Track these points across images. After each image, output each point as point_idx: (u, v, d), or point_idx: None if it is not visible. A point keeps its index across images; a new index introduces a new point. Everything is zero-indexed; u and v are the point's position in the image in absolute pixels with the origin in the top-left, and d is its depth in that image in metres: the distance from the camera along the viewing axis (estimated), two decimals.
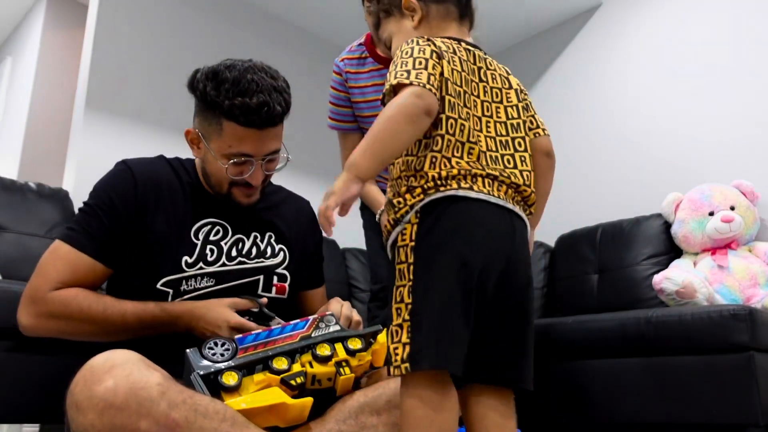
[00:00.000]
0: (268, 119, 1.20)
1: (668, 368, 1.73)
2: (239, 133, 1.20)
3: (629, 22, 3.08)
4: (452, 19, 1.13)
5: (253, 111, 1.18)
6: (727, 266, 2.23)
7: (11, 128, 3.79)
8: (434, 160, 0.97)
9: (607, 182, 2.99)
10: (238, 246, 1.29)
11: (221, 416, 0.93)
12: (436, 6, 1.13)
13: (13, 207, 2.04)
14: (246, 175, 1.24)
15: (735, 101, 2.62)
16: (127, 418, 0.87)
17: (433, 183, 0.96)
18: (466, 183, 0.96)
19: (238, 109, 1.17)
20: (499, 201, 0.98)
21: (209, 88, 1.20)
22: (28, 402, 1.46)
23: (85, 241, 1.20)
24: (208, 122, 1.23)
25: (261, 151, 1.23)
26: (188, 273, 1.22)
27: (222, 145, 1.21)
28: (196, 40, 3.06)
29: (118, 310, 1.16)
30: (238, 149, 1.21)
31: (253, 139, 1.21)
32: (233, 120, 1.19)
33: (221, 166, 1.22)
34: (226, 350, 1.02)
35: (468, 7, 1.16)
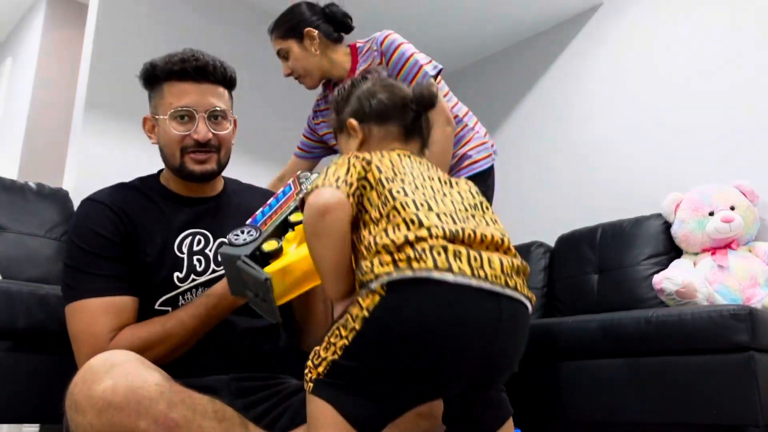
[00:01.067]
0: (199, 69, 1.25)
1: (668, 368, 1.73)
2: (177, 89, 1.25)
3: (629, 22, 3.08)
4: (393, 139, 1.07)
5: (184, 61, 1.24)
6: (727, 266, 2.23)
7: (11, 128, 3.79)
8: (397, 227, 0.86)
9: (607, 182, 2.99)
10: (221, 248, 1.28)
11: (220, 416, 0.93)
12: (377, 128, 1.08)
13: (13, 207, 2.05)
14: (192, 131, 1.24)
15: (735, 101, 2.62)
16: (126, 418, 0.88)
17: (405, 256, 0.82)
18: (442, 258, 0.81)
19: (170, 64, 1.25)
20: (483, 285, 0.81)
21: (149, 64, 1.28)
22: (28, 402, 1.46)
23: (105, 284, 1.16)
24: (155, 98, 1.28)
25: (201, 103, 1.25)
26: (182, 288, 1.22)
27: (166, 107, 1.25)
28: (196, 40, 3.05)
29: (174, 321, 1.14)
30: (178, 103, 1.24)
31: (191, 91, 1.25)
32: (170, 77, 1.25)
33: (170, 125, 1.24)
34: (249, 233, 1.06)
35: (415, 129, 1.09)
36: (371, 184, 0.92)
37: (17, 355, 1.46)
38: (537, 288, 2.77)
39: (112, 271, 1.17)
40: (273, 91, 3.33)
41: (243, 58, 3.24)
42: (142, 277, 1.19)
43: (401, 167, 0.97)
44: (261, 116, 3.22)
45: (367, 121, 1.08)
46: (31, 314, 1.48)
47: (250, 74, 3.30)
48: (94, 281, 1.16)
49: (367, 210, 0.90)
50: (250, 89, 3.19)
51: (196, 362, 1.16)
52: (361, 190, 0.92)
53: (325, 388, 0.83)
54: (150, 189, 1.31)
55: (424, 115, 1.10)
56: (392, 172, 0.95)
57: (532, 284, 2.78)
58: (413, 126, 1.09)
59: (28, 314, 1.48)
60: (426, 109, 1.09)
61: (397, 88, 1.10)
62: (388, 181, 0.92)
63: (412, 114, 1.08)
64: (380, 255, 0.83)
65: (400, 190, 0.90)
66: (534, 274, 2.80)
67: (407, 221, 0.85)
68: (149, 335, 1.13)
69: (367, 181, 0.92)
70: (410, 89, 1.09)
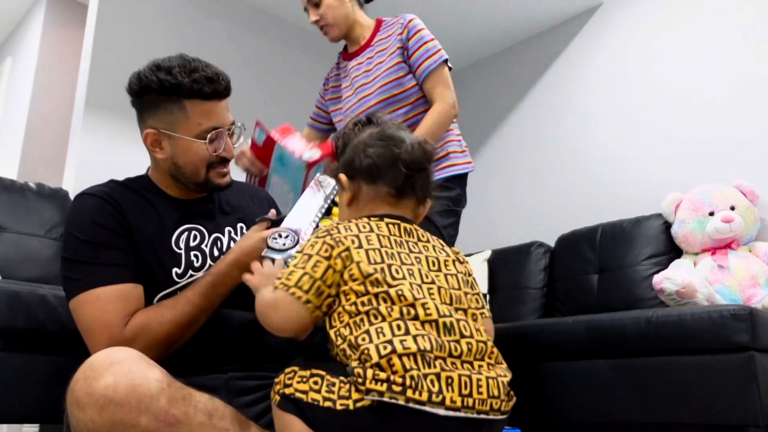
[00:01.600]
0: (225, 88, 1.25)
1: (668, 368, 1.73)
2: (205, 107, 1.22)
3: (629, 22, 3.08)
4: (383, 200, 1.05)
5: (213, 80, 1.21)
6: (727, 266, 2.23)
7: (11, 128, 3.79)
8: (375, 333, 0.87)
9: (607, 182, 2.99)
10: (217, 245, 1.29)
11: (220, 413, 0.93)
12: (366, 186, 1.06)
13: (13, 207, 2.05)
14: (221, 149, 1.25)
15: (735, 101, 2.62)
16: (127, 414, 0.88)
17: (401, 379, 0.83)
18: (436, 389, 0.83)
19: (198, 83, 1.20)
20: (470, 415, 0.85)
21: (162, 76, 1.20)
22: (28, 402, 1.46)
23: (112, 273, 1.15)
24: (169, 112, 1.22)
25: (226, 121, 1.26)
26: (181, 283, 1.21)
27: (192, 126, 1.22)
28: (196, 40, 3.06)
29: (184, 301, 1.14)
30: (208, 124, 1.22)
31: (217, 110, 1.24)
32: (196, 96, 1.21)
33: (200, 146, 1.22)
34: (287, 237, 1.13)
35: (408, 188, 1.05)
36: (351, 278, 0.93)
37: (17, 355, 1.47)
38: (537, 288, 2.77)
39: (117, 260, 1.16)
40: (273, 90, 3.33)
41: (243, 57, 3.24)
42: (139, 273, 1.19)
43: (383, 255, 0.96)
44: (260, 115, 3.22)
45: (357, 177, 1.06)
46: (31, 314, 1.48)
47: (249, 73, 3.30)
48: (100, 271, 1.14)
49: (341, 301, 0.93)
50: (250, 88, 3.20)
51: (195, 361, 1.16)
52: (336, 288, 0.94)
53: (290, 405, 0.89)
54: (141, 187, 1.30)
55: (419, 174, 1.05)
56: (377, 259, 0.94)
57: (533, 284, 2.78)
58: (405, 186, 1.05)
59: (28, 314, 1.48)
60: (418, 171, 1.05)
61: (392, 144, 1.05)
62: (372, 284, 0.92)
63: (404, 175, 1.03)
64: (373, 369, 0.84)
65: (380, 281, 0.92)
66: (534, 274, 2.80)
67: (392, 327, 0.88)
68: (162, 318, 1.12)
69: (344, 279, 0.93)
70: (406, 145, 1.04)
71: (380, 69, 1.89)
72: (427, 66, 1.83)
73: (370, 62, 1.93)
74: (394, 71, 1.86)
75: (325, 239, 0.96)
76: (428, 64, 1.83)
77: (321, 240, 0.97)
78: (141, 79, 1.22)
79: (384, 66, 1.89)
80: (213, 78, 1.21)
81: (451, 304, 0.94)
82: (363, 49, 1.97)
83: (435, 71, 1.83)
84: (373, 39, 1.96)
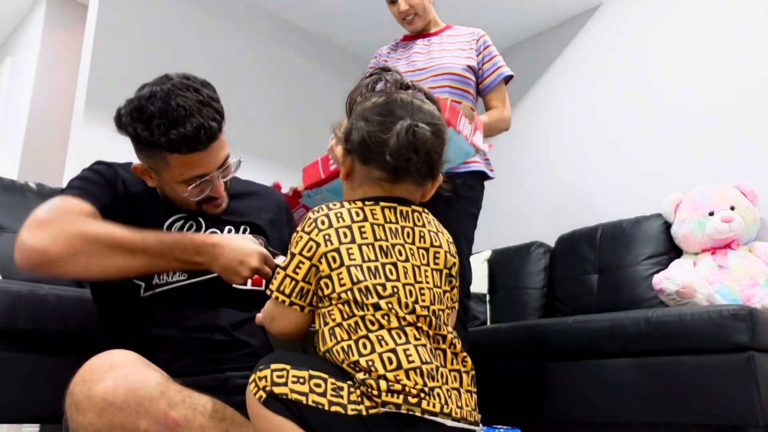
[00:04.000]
0: (208, 140, 1.17)
1: (668, 368, 1.73)
2: (186, 161, 1.18)
3: (629, 22, 3.08)
4: (375, 183, 0.96)
5: (192, 139, 1.15)
6: (727, 266, 2.23)
7: (11, 128, 3.79)
8: (376, 341, 0.85)
9: (607, 182, 2.99)
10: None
11: (220, 415, 0.93)
12: (359, 165, 0.97)
13: (13, 207, 2.04)
14: (207, 192, 1.23)
15: (735, 101, 2.62)
16: (127, 418, 0.88)
17: (417, 391, 0.82)
18: (443, 401, 0.84)
19: (176, 142, 1.14)
20: (463, 425, 0.86)
21: (140, 129, 1.16)
22: (28, 402, 1.46)
23: (91, 195, 1.18)
24: (151, 158, 1.20)
25: (213, 166, 1.22)
26: None
27: (175, 175, 1.20)
28: (195, 39, 3.06)
29: (137, 229, 1.12)
30: (191, 173, 1.19)
31: (201, 160, 1.19)
32: (176, 152, 1.16)
33: (185, 189, 1.21)
34: None
35: (403, 172, 0.94)
36: (340, 281, 0.88)
37: (17, 355, 1.46)
38: (537, 288, 2.77)
39: (101, 195, 1.19)
40: (273, 89, 3.33)
41: (243, 57, 3.24)
42: None
43: (377, 251, 0.90)
44: (259, 115, 3.22)
45: (352, 152, 0.97)
46: (31, 314, 1.48)
47: (249, 73, 3.30)
48: (82, 190, 1.18)
49: (332, 300, 0.89)
50: (250, 89, 3.19)
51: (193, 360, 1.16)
52: (320, 282, 0.90)
53: (281, 407, 0.83)
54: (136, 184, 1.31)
55: (418, 157, 0.93)
56: (371, 255, 0.89)
57: (532, 284, 2.78)
58: (398, 170, 0.94)
59: (28, 314, 1.48)
60: (405, 161, 0.92)
61: (384, 125, 0.92)
62: (363, 293, 0.87)
63: (392, 162, 0.92)
64: (386, 382, 0.82)
65: (371, 289, 0.87)
66: (534, 274, 2.80)
67: (392, 335, 0.85)
68: (105, 225, 1.11)
69: (333, 281, 0.89)
70: (397, 129, 0.91)
71: (446, 53, 1.99)
72: (495, 77, 2.01)
73: (439, 45, 2.03)
74: (461, 68, 1.96)
75: (311, 236, 0.90)
76: (495, 75, 2.01)
77: (306, 236, 0.91)
78: (122, 124, 1.19)
79: (451, 56, 1.98)
80: (192, 136, 1.14)
81: (434, 303, 0.92)
82: (431, 35, 2.09)
83: (499, 84, 2.02)
84: (443, 31, 2.10)
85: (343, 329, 0.87)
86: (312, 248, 0.90)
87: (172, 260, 1.12)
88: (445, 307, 0.94)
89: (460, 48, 2.01)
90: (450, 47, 2.01)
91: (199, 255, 1.13)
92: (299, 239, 0.91)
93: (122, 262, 1.09)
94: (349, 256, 0.89)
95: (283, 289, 0.91)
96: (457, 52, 1.99)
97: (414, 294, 0.90)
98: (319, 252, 0.89)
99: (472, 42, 2.03)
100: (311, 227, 0.91)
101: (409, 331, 0.86)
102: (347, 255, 0.89)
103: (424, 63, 1.99)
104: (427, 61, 1.99)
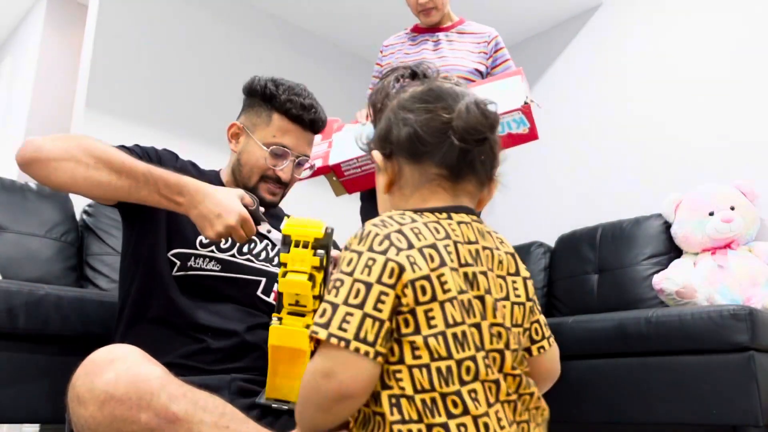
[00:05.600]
0: (313, 121, 1.34)
1: (668, 368, 1.73)
2: (286, 125, 1.33)
3: (629, 22, 3.08)
4: (435, 185, 0.77)
5: (304, 108, 1.32)
6: (727, 266, 2.23)
7: (11, 128, 3.79)
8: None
9: (607, 182, 2.99)
10: (250, 245, 1.32)
11: (221, 411, 0.93)
12: (409, 166, 0.78)
13: (13, 207, 2.04)
14: (280, 168, 1.33)
15: (735, 101, 2.62)
16: (128, 411, 0.88)
17: None
18: None
19: (291, 103, 1.32)
20: None
21: (269, 85, 1.34)
22: (28, 402, 1.46)
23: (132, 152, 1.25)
24: (257, 114, 1.35)
25: (299, 148, 1.35)
26: (199, 252, 1.25)
27: (267, 135, 1.33)
28: (195, 40, 3.06)
29: (134, 158, 1.18)
30: (280, 140, 1.32)
31: (295, 134, 1.34)
32: (284, 113, 1.32)
33: (262, 152, 1.32)
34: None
35: (466, 165, 0.77)
36: (428, 322, 0.68)
37: (17, 355, 1.46)
38: (537, 288, 2.77)
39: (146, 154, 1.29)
40: None
41: (243, 57, 3.24)
42: (171, 217, 1.23)
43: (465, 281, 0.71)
44: None
45: (396, 154, 0.79)
46: (31, 314, 1.48)
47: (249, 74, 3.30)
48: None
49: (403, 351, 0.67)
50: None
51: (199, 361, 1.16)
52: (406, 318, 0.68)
53: None
54: (209, 179, 1.33)
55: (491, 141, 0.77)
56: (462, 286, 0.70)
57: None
58: (461, 164, 0.77)
59: (28, 314, 1.48)
60: (478, 143, 0.76)
61: (440, 106, 0.76)
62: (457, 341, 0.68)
63: (458, 149, 0.75)
64: None
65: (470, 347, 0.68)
66: (534, 274, 2.80)
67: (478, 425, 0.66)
68: (97, 142, 1.18)
69: (418, 320, 0.68)
70: (460, 107, 0.75)
71: (456, 53, 1.99)
72: None
73: (449, 44, 2.03)
74: (467, 71, 1.96)
75: (388, 256, 0.68)
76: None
77: (381, 258, 0.67)
78: (253, 81, 1.37)
79: (460, 54, 1.99)
80: (306, 106, 1.32)
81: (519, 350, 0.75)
82: (443, 30, 2.08)
83: None
84: (455, 26, 2.09)
85: (415, 407, 0.66)
86: (394, 272, 0.67)
87: (154, 193, 1.15)
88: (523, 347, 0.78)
89: (469, 50, 2.01)
90: (460, 47, 2.01)
91: (180, 195, 1.14)
92: (370, 262, 0.67)
93: (107, 179, 1.13)
94: (443, 287, 0.68)
95: (365, 335, 0.65)
96: (466, 53, 1.99)
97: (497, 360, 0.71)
98: (404, 278, 0.67)
99: (483, 44, 2.02)
100: (384, 245, 0.68)
101: (494, 413, 0.67)
102: (439, 285, 0.68)
103: (431, 62, 1.98)
104: (435, 61, 1.98)
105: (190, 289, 1.22)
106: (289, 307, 1.02)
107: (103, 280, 2.08)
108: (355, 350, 0.65)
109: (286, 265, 1.00)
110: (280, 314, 1.03)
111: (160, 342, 1.16)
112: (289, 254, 1.00)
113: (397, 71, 0.87)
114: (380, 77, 0.92)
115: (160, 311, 1.21)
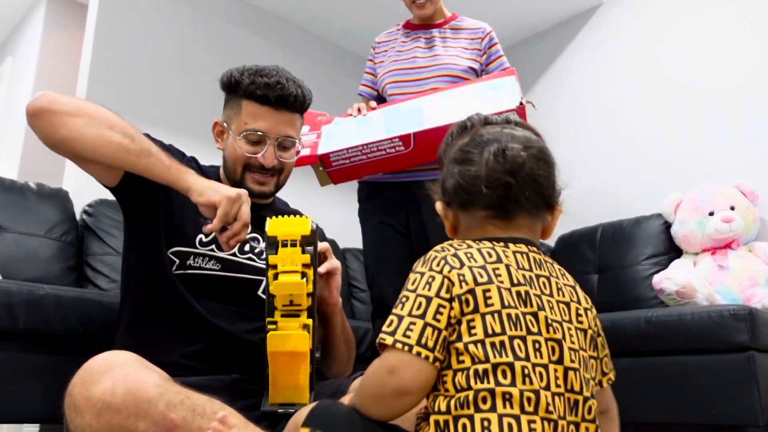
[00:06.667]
0: (281, 98, 1.27)
1: (668, 368, 1.73)
2: (255, 110, 1.27)
3: (629, 22, 3.08)
4: (487, 224, 0.85)
5: (269, 87, 1.26)
6: (727, 266, 2.23)
7: (11, 128, 3.79)
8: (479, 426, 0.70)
9: (607, 182, 2.99)
10: (251, 243, 1.31)
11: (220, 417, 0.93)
12: (461, 213, 0.87)
13: (13, 207, 2.04)
14: (259, 154, 1.28)
15: (736, 101, 2.62)
16: (125, 419, 0.87)
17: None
18: None
19: (254, 85, 1.26)
20: None
21: (235, 73, 1.30)
22: (28, 402, 1.46)
23: None
24: (230, 107, 1.32)
25: (275, 130, 1.28)
26: (199, 250, 1.24)
27: (239, 124, 1.28)
28: (195, 40, 3.06)
29: (134, 128, 1.17)
30: (252, 125, 1.27)
31: (267, 117, 1.28)
32: (250, 98, 1.27)
33: (240, 144, 1.28)
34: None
35: (512, 203, 0.83)
36: (470, 331, 0.75)
37: (17, 355, 1.46)
38: None
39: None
40: None
41: (242, 57, 3.23)
42: (174, 213, 1.23)
43: (514, 298, 0.77)
44: None
45: (451, 204, 0.88)
46: (31, 314, 1.48)
47: None
48: None
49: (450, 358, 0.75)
50: None
51: (199, 363, 1.16)
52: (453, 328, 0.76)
53: None
54: (209, 173, 1.34)
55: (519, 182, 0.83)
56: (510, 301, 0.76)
57: None
58: (506, 203, 0.83)
59: (28, 314, 1.48)
60: (503, 188, 0.82)
61: (469, 159, 0.85)
62: (495, 349, 0.73)
63: (497, 192, 0.83)
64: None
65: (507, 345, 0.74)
66: None
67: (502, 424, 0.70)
68: (115, 114, 1.18)
69: (460, 331, 0.75)
70: (484, 156, 0.83)
71: (449, 51, 1.98)
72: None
73: (443, 41, 2.01)
74: (461, 70, 1.94)
75: (444, 273, 0.77)
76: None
77: (439, 276, 0.77)
78: (224, 75, 1.33)
79: (454, 52, 1.97)
80: (271, 85, 1.26)
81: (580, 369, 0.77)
82: (435, 26, 2.06)
83: None
84: (447, 22, 2.06)
85: (446, 402, 0.73)
86: (448, 288, 0.76)
87: (164, 158, 1.16)
88: (591, 377, 0.79)
89: (464, 47, 1.99)
90: (454, 44, 2.00)
91: (187, 173, 1.15)
92: (430, 279, 0.77)
93: (118, 140, 1.13)
94: (486, 301, 0.76)
95: (425, 341, 0.73)
96: (460, 51, 1.98)
97: (547, 375, 0.75)
98: (453, 293, 0.76)
99: (476, 41, 2.00)
100: (441, 264, 0.78)
101: (525, 420, 0.71)
102: (483, 299, 0.76)
103: (425, 61, 1.98)
104: (429, 59, 1.97)
105: (190, 288, 1.21)
106: (283, 308, 1.00)
107: (103, 280, 2.08)
108: (417, 354, 0.73)
109: (276, 267, 0.98)
110: (274, 318, 1.01)
111: (160, 342, 1.16)
112: (278, 255, 0.98)
113: (457, 127, 0.94)
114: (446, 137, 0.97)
115: (160, 311, 1.20)
